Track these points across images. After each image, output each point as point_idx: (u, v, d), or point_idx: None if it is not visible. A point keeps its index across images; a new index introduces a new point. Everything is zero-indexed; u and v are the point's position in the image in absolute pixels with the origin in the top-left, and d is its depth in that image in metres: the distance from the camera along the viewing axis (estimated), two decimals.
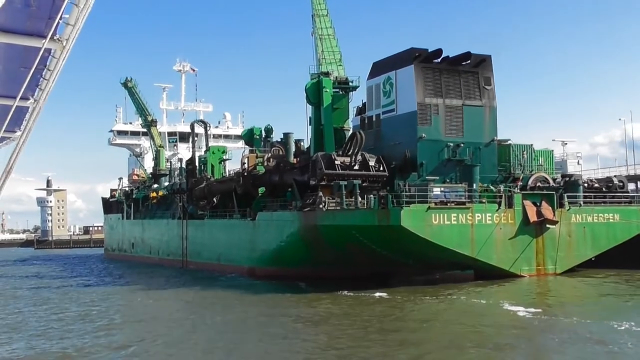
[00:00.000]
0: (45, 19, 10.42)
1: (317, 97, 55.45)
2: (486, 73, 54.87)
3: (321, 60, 66.66)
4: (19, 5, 9.94)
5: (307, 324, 31.59)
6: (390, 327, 30.03)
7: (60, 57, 11.61)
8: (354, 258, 47.80)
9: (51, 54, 11.63)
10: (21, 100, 12.75)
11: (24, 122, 14.83)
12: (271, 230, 54.00)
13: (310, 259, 50.34)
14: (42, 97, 13.22)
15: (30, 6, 10.06)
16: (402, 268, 47.66)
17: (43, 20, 10.45)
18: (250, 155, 60.80)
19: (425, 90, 52.94)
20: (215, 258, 63.96)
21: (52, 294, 48.27)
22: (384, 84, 56.22)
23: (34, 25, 10.58)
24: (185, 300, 43.10)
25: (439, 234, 43.51)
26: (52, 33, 10.75)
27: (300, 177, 53.67)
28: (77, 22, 10.67)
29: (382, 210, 43.63)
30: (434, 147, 52.86)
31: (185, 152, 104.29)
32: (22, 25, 10.58)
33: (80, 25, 10.81)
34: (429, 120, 52.97)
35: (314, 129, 55.66)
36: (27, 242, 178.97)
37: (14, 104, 12.53)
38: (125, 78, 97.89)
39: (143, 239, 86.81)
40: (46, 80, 12.63)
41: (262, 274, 54.61)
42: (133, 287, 51.93)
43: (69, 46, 11.26)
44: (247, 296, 43.03)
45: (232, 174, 65.07)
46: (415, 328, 29.60)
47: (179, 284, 53.46)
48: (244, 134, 65.47)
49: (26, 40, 10.87)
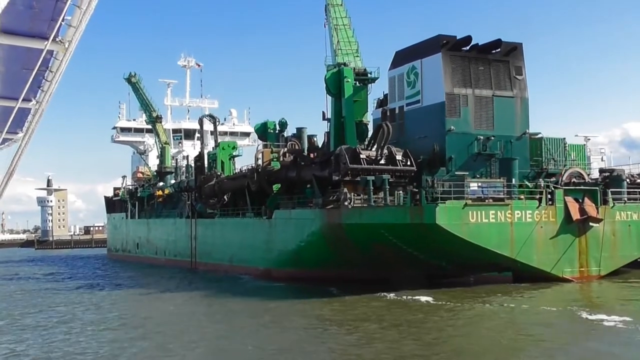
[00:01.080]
0: (48, 21, 10.33)
1: (337, 88, 51.72)
2: (517, 62, 51.20)
3: (337, 51, 62.83)
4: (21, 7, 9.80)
5: (368, 335, 27.60)
6: (464, 345, 25.82)
7: (62, 59, 11.48)
8: (380, 259, 44.12)
9: (53, 56, 11.49)
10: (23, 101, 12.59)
11: (26, 124, 14.63)
12: (289, 230, 50.28)
13: (332, 260, 46.68)
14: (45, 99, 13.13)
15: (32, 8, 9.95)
16: (433, 270, 43.87)
17: (45, 22, 10.37)
18: (265, 150, 57.09)
19: (453, 79, 49.26)
20: (227, 259, 60.22)
21: (60, 298, 44.54)
22: (408, 73, 52.51)
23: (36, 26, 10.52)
24: (208, 305, 39.33)
25: (477, 233, 39.83)
26: (55, 35, 10.61)
27: (320, 172, 49.92)
28: (80, 24, 10.52)
29: (415, 207, 39.94)
30: (463, 141, 49.17)
31: (190, 149, 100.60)
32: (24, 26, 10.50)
33: (82, 27, 10.68)
34: (458, 111, 49.29)
35: (334, 121, 51.91)
36: (27, 243, 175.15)
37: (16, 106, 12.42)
38: (129, 73, 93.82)
39: (148, 239, 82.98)
40: (48, 82, 12.44)
41: (279, 275, 50.92)
42: (145, 292, 48.18)
43: (71, 48, 11.13)
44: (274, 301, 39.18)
45: (244, 170, 61.30)
46: (500, 346, 25.50)
47: (193, 287, 49.72)
48: (256, 128, 61.78)
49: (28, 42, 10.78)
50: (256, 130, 61.87)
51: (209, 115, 74.21)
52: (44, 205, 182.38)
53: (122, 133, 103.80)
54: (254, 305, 37.93)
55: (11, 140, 15.64)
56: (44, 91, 12.89)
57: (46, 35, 10.59)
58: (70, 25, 10.59)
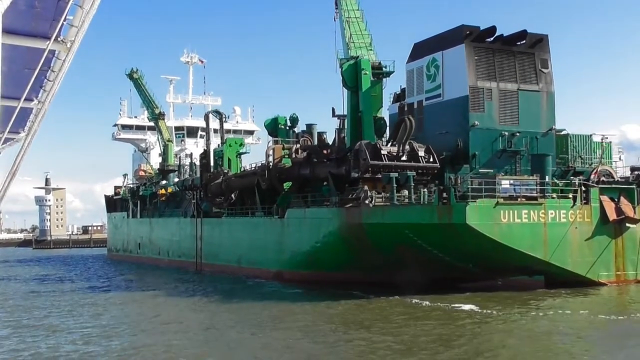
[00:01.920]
0: (50, 21, 10.34)
1: (354, 81, 48.86)
2: (543, 54, 48.46)
3: (349, 45, 59.94)
4: (23, 6, 9.75)
5: None
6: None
7: (64, 59, 11.42)
8: (403, 262, 41.28)
9: (55, 56, 11.44)
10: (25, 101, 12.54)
11: (28, 124, 14.51)
12: (304, 229, 47.45)
13: (350, 262, 43.91)
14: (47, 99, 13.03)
15: (34, 7, 9.96)
16: (459, 273, 41.06)
17: (47, 22, 10.37)
18: (276, 146, 54.19)
19: (477, 72, 46.53)
20: (236, 260, 57.33)
21: (62, 301, 41.60)
22: (428, 66, 49.74)
23: (38, 26, 10.53)
24: (226, 310, 36.31)
25: (509, 234, 37.03)
26: (57, 34, 10.62)
27: (336, 169, 47.11)
28: (82, 24, 10.51)
29: (443, 206, 37.10)
30: (487, 137, 46.50)
31: (193, 147, 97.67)
32: (26, 26, 10.50)
33: (84, 27, 10.61)
34: (482, 106, 46.57)
35: (351, 116, 49.06)
36: (25, 242, 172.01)
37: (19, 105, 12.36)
38: (130, 69, 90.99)
39: (151, 239, 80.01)
40: (50, 82, 12.40)
41: (291, 278, 48.11)
42: (150, 295, 45.32)
43: (73, 48, 11.08)
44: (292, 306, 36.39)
45: (254, 168, 58.46)
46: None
47: (202, 290, 46.78)
48: (267, 123, 58.95)
49: (30, 42, 10.80)
50: (266, 125, 59.03)
51: (215, 111, 71.35)
52: (42, 204, 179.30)
53: (124, 130, 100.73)
54: (277, 310, 34.86)
55: (13, 140, 15.41)
56: (46, 91, 12.69)
57: (48, 35, 10.48)
58: (72, 25, 10.46)
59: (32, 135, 14.58)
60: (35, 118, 14.15)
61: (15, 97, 12.54)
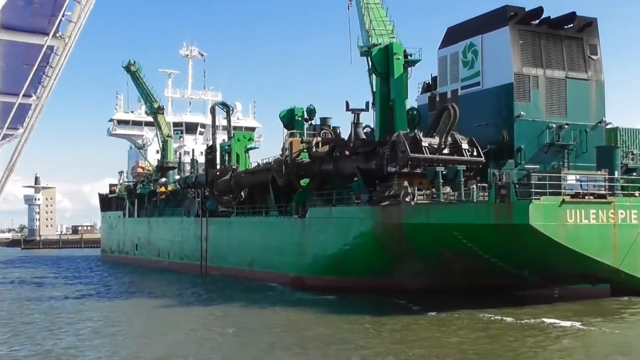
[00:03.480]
0: (48, 16, 10.10)
1: (385, 67, 43.61)
2: (592, 40, 43.59)
3: (370, 32, 54.81)
4: (22, 2, 9.61)
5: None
6: None
7: (62, 54, 11.16)
8: (446, 267, 36.22)
9: (53, 51, 11.15)
10: (24, 97, 12.25)
11: (26, 120, 14.15)
12: (329, 230, 42.23)
13: (384, 267, 38.81)
14: (45, 95, 12.73)
15: (32, 3, 9.78)
16: (511, 280, 36.01)
17: (45, 18, 10.17)
18: (294, 139, 48.83)
19: (523, 58, 41.51)
20: (247, 263, 51.97)
21: (56, 312, 36.16)
22: (465, 52, 44.71)
23: (36, 22, 10.35)
24: (257, 327, 30.88)
25: (575, 236, 31.97)
26: (55, 30, 10.36)
27: (364, 164, 41.89)
28: (79, 19, 10.32)
29: (501, 204, 31.93)
30: (533, 129, 41.59)
31: (192, 144, 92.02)
32: (24, 22, 10.32)
33: (82, 23, 10.43)
34: (528, 95, 41.61)
35: (381, 106, 43.83)
36: (13, 242, 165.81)
37: (17, 101, 12.08)
38: (127, 61, 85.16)
39: (149, 240, 74.37)
40: (48, 78, 12.11)
41: (313, 284, 42.91)
42: (157, 305, 39.82)
43: (71, 43, 10.85)
44: (336, 319, 31.01)
45: (267, 163, 53.14)
46: None
47: (216, 298, 41.31)
48: (282, 115, 53.75)
49: (29, 38, 10.59)
50: (282, 117, 53.82)
51: (222, 103, 65.92)
52: (31, 203, 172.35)
53: (119, 126, 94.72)
54: (324, 328, 29.37)
55: (12, 136, 15.16)
56: (44, 87, 12.59)
57: (46, 31, 10.38)
58: (70, 20, 10.36)
59: (29, 131, 13.96)
60: (33, 114, 13.61)
61: (14, 93, 12.25)
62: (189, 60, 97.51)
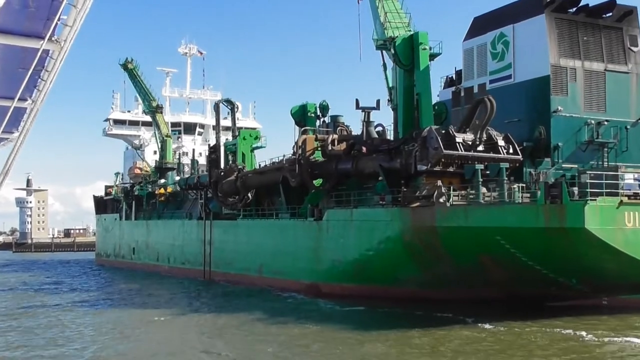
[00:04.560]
0: (44, 20, 9.98)
1: (409, 58, 39.98)
2: (632, 30, 40.24)
3: (385, 25, 51.21)
4: (17, 6, 9.46)
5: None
6: None
7: (57, 58, 11.06)
8: (484, 275, 32.56)
9: (49, 55, 11.09)
10: (19, 101, 12.10)
11: (21, 123, 13.94)
12: (350, 234, 38.53)
13: (413, 274, 35.12)
14: (40, 98, 12.63)
15: (28, 7, 9.61)
16: (555, 290, 32.39)
17: (41, 21, 10.04)
18: (308, 136, 45.10)
19: (560, 48, 38.01)
20: (255, 269, 48.18)
21: (51, 323, 32.25)
22: (494, 43, 41.23)
23: (32, 26, 10.22)
24: (277, 340, 27.14)
25: (634, 242, 28.42)
26: (51, 34, 10.27)
27: (388, 163, 38.23)
28: (75, 23, 10.28)
29: (552, 205, 28.32)
30: (570, 125, 38.13)
31: (190, 144, 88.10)
32: (20, 26, 10.19)
33: (78, 26, 10.39)
34: (565, 89, 38.12)
35: (404, 100, 40.18)
36: (4, 245, 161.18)
37: (12, 105, 11.96)
38: (125, 59, 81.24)
39: (148, 243, 70.37)
40: (44, 81, 11.94)
41: (331, 292, 39.29)
42: (162, 315, 35.91)
43: (66, 47, 10.77)
44: (377, 333, 27.26)
45: (279, 161, 49.42)
46: None
47: (226, 306, 37.54)
48: (294, 111, 50.12)
49: (24, 42, 10.48)
50: (293, 113, 50.21)
51: (227, 100, 62.21)
52: (23, 206, 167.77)
53: (116, 126, 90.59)
54: (369, 341, 25.78)
55: (7, 140, 14.77)
56: (40, 90, 12.30)
57: (42, 35, 10.27)
58: (66, 24, 10.27)
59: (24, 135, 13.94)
60: (28, 118, 13.57)
61: (9, 96, 12.10)
62: (187, 58, 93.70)
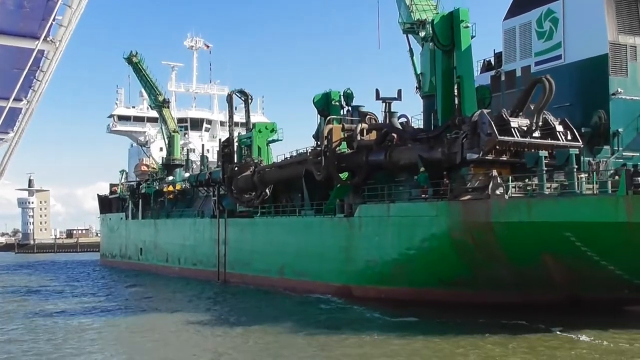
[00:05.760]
0: (39, 20, 9.82)
1: (449, 38, 35.73)
2: None
3: (411, 8, 47.16)
4: (12, 6, 9.39)
5: None
6: None
7: (52, 59, 10.94)
8: (545, 276, 28.42)
9: (44, 55, 10.93)
10: (14, 101, 12.04)
11: (16, 124, 13.80)
12: (387, 232, 34.37)
13: (460, 275, 30.97)
14: (35, 99, 12.60)
15: (23, 7, 9.47)
16: (628, 293, 28.26)
17: (36, 22, 9.87)
18: (335, 126, 40.90)
19: (619, 24, 33.89)
20: (276, 270, 44.00)
21: (57, 335, 28.04)
22: (540, 21, 37.12)
23: (27, 26, 10.07)
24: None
25: None
26: (45, 34, 10.07)
27: (428, 153, 34.05)
28: (70, 23, 10.06)
29: (636, 196, 24.20)
30: (631, 110, 34.06)
31: (197, 141, 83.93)
32: (15, 26, 10.05)
33: (73, 27, 10.17)
34: (625, 69, 34.01)
35: (443, 84, 36.03)
36: (6, 246, 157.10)
37: (7, 105, 11.92)
38: (129, 52, 76.88)
39: (156, 244, 66.14)
40: (39, 82, 11.90)
41: (364, 295, 35.25)
42: (180, 319, 31.68)
43: (61, 47, 10.59)
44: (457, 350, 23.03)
45: (301, 153, 45.25)
46: None
47: (254, 312, 33.30)
48: (317, 100, 45.97)
49: (19, 42, 10.30)
50: (316, 102, 46.04)
51: (240, 91, 57.93)
52: (25, 206, 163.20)
53: (120, 122, 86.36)
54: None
55: (2, 140, 14.59)
56: (35, 91, 12.22)
57: (37, 35, 10.09)
58: (61, 24, 10.06)
59: (19, 135, 13.80)
60: (23, 118, 13.28)
61: (4, 97, 11.90)
62: (193, 52, 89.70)
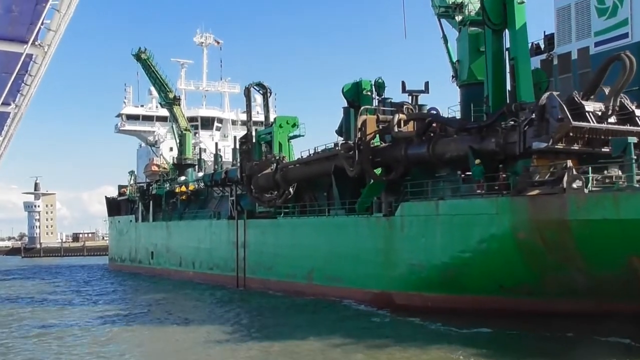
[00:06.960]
0: (27, 25, 9.82)
1: (501, 16, 31.52)
2: None
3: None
4: (0, 10, 9.26)
5: None
6: None
7: (41, 63, 11.03)
8: (632, 282, 24.22)
9: (33, 60, 10.99)
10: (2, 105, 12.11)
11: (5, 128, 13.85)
12: (435, 232, 30.18)
13: (526, 281, 26.82)
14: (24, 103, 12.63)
15: (11, 12, 9.38)
16: None
17: (24, 26, 9.86)
18: (369, 117, 36.75)
19: None
20: (304, 275, 39.87)
21: (68, 351, 23.91)
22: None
23: (15, 30, 10.01)
24: None
25: None
26: (34, 39, 10.21)
27: (479, 144, 29.87)
28: (59, 28, 10.14)
29: None
30: None
31: (208, 140, 79.80)
32: (3, 30, 9.96)
33: (61, 31, 10.32)
34: None
35: (494, 66, 31.84)
36: (13, 250, 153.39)
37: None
38: (138, 49, 72.84)
39: (169, 247, 62.04)
40: (27, 86, 11.97)
41: (407, 302, 31.20)
42: (206, 336, 27.51)
43: (50, 52, 10.72)
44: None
45: (328, 149, 41.15)
46: None
47: (292, 326, 29.08)
48: (346, 90, 41.84)
49: (7, 46, 10.31)
50: (345, 92, 41.92)
51: (258, 84, 53.75)
52: (31, 210, 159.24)
53: (129, 122, 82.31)
54: None
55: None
56: (23, 95, 12.24)
57: (25, 39, 10.15)
58: (49, 29, 10.08)
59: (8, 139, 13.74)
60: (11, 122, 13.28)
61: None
62: (203, 48, 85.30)
